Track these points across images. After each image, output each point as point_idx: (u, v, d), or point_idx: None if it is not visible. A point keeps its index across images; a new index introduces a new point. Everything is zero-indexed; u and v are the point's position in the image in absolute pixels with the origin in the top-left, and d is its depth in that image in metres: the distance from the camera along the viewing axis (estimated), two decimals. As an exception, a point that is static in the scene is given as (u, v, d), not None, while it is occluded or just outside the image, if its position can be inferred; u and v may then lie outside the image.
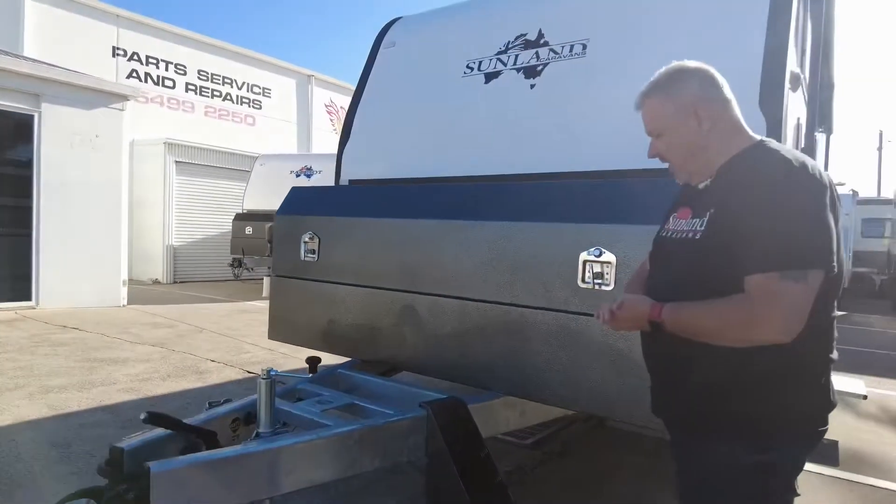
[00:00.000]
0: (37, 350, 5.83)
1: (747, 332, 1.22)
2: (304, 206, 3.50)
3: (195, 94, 16.22)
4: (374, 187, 3.50)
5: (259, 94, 17.96)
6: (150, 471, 1.67)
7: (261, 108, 17.98)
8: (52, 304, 8.45)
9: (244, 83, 17.53)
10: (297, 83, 19.30)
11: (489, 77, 3.26)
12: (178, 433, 2.10)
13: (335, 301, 3.21)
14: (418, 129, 3.52)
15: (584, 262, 2.31)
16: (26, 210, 8.32)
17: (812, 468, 3.51)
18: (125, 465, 1.87)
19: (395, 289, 2.96)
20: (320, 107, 20.12)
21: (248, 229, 12.55)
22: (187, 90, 16.02)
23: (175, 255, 13.66)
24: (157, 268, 13.46)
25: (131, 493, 1.70)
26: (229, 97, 17.16)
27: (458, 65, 3.42)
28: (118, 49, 14.39)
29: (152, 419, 2.00)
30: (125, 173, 9.44)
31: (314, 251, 3.28)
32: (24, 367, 5.14)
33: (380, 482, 3.04)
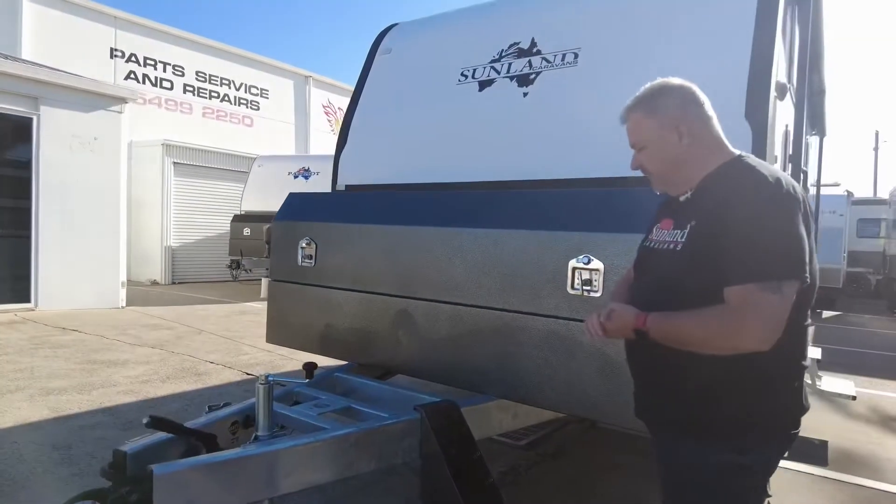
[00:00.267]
0: (37, 352, 5.88)
1: (729, 341, 1.28)
2: (300, 212, 3.54)
3: (193, 95, 16.25)
4: (368, 194, 3.56)
5: (257, 95, 17.99)
6: (153, 473, 1.72)
7: (259, 109, 18.01)
8: (52, 305, 8.49)
9: (242, 84, 17.57)
10: (294, 84, 19.34)
11: (483, 85, 3.32)
12: (179, 436, 2.15)
13: (332, 306, 3.26)
14: (413, 136, 3.58)
15: (574, 269, 2.36)
16: (25, 212, 8.36)
17: (802, 468, 3.58)
18: (128, 467, 1.92)
19: (391, 294, 3.01)
20: (318, 107, 20.14)
21: (247, 230, 12.61)
22: (185, 91, 16.05)
23: (173, 257, 13.69)
24: (155, 269, 13.49)
25: (134, 495, 1.76)
26: (227, 98, 17.18)
27: (452, 72, 3.48)
28: (116, 50, 14.42)
29: (154, 423, 2.05)
30: (124, 175, 9.47)
31: (311, 256, 3.33)
32: (24, 369, 5.19)
33: (377, 483, 3.09)
